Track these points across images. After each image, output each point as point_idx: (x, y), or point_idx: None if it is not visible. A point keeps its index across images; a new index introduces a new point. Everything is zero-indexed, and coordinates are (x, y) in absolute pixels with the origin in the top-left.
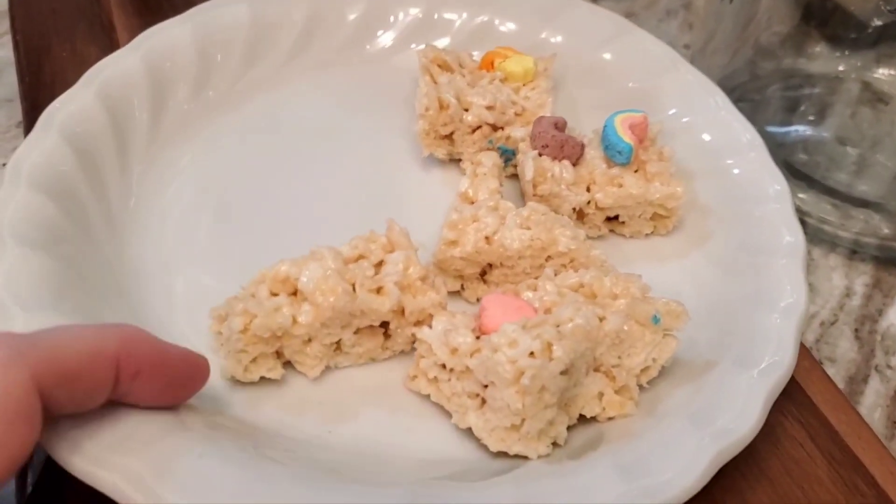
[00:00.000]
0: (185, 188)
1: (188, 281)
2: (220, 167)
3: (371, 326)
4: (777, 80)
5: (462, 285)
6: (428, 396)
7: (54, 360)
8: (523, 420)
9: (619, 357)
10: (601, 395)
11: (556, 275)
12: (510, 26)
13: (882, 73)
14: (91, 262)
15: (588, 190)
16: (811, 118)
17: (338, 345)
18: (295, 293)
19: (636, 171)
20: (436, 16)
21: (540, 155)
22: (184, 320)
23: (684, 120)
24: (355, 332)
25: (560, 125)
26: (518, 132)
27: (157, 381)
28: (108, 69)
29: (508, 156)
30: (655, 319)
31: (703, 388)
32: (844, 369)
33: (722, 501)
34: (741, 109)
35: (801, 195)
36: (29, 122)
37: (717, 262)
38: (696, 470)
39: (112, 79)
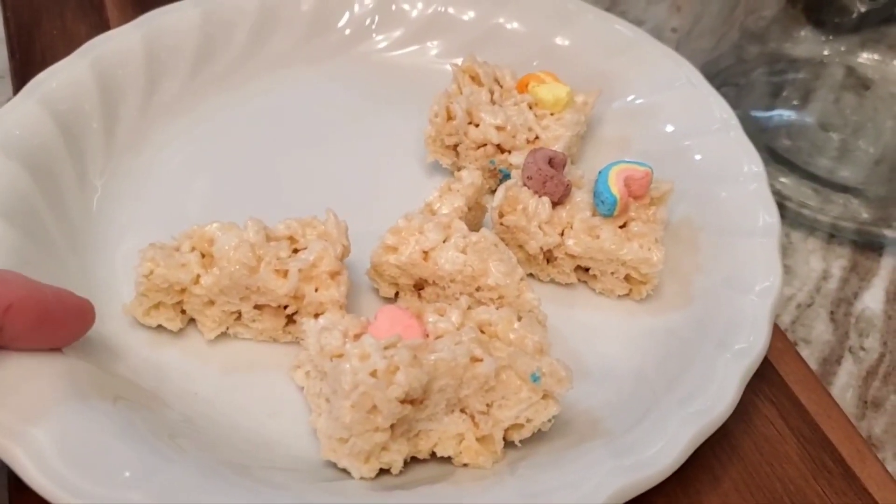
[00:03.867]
0: (147, 194)
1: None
2: (182, 171)
3: (273, 307)
4: (762, 64)
5: (396, 294)
6: (303, 389)
7: None
8: (351, 436)
9: (489, 405)
10: (461, 438)
11: (476, 307)
12: (469, 14)
13: (866, 57)
14: (53, 279)
15: (562, 234)
16: (795, 103)
17: (239, 315)
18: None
19: (622, 227)
20: (393, 7)
21: (524, 185)
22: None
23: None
24: (257, 308)
25: (556, 161)
26: (517, 158)
27: (30, 315)
28: (53, 78)
29: (506, 180)
30: (534, 377)
31: (685, 370)
32: (819, 350)
33: (694, 478)
34: (725, 94)
35: (782, 179)
36: None
37: (692, 243)
38: (676, 447)
39: (60, 88)
